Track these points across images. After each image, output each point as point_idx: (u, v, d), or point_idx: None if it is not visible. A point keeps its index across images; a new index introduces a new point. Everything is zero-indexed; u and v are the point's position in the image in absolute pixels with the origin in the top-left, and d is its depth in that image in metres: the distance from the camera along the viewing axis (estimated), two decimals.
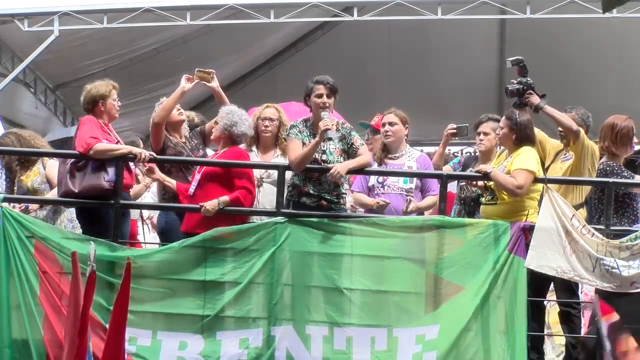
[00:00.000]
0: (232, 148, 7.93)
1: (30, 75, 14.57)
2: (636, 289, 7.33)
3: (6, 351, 7.27)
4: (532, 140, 7.82)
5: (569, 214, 7.43)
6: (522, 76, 8.06)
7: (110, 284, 7.29)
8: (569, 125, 8.05)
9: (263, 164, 8.02)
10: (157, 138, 8.23)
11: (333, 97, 7.76)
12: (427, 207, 8.21)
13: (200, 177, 7.78)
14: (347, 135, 7.83)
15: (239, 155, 7.93)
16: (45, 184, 8.51)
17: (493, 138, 8.21)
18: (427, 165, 8.29)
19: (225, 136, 7.92)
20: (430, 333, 7.34)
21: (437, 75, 16.70)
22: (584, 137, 8.09)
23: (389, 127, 8.29)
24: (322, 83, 7.75)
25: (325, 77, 7.82)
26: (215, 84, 8.36)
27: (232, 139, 7.92)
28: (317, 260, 7.49)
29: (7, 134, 8.93)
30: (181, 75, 8.36)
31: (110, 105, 7.90)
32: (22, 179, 8.55)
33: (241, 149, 8.07)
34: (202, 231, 7.51)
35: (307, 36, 16.88)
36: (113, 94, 7.91)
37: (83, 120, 7.86)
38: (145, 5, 12.59)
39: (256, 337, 7.40)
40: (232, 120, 7.89)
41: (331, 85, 7.75)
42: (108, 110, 7.89)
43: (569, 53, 16.00)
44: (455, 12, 12.70)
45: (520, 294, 7.37)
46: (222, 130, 7.91)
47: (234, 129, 7.87)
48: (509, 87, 8.08)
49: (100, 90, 7.86)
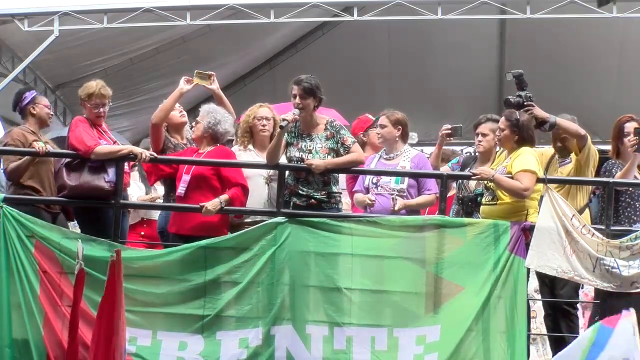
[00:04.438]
0: (218, 147, 7.94)
1: (30, 75, 14.55)
2: (636, 288, 7.34)
3: (6, 350, 7.27)
4: (533, 140, 7.84)
5: (569, 213, 7.43)
6: (521, 89, 8.04)
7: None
8: (578, 133, 8.03)
9: (264, 164, 8.01)
10: (156, 139, 8.22)
11: (311, 97, 7.72)
12: (419, 205, 8.17)
13: (190, 177, 7.78)
14: (336, 133, 7.83)
15: (226, 154, 7.95)
16: None
17: (492, 139, 8.20)
18: (423, 164, 8.26)
19: (208, 135, 7.93)
20: (432, 334, 7.34)
21: (437, 75, 16.70)
22: (590, 141, 8.09)
23: (380, 129, 8.32)
24: (297, 83, 7.76)
25: (303, 77, 7.79)
26: (215, 86, 8.33)
27: (215, 138, 7.94)
28: (317, 260, 7.49)
29: None
30: (181, 75, 8.35)
31: (88, 109, 7.87)
32: None
33: (227, 148, 8.10)
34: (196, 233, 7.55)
35: (307, 36, 16.88)
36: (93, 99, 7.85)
37: (75, 122, 7.85)
38: (145, 5, 12.58)
39: (255, 336, 7.40)
40: (216, 118, 7.90)
41: (304, 85, 7.71)
42: (87, 112, 7.88)
43: (569, 53, 16.00)
44: (455, 12, 12.69)
45: (521, 293, 7.38)
46: (206, 129, 7.91)
47: (218, 127, 7.89)
48: (511, 100, 8.02)
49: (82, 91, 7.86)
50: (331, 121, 7.93)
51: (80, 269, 6.63)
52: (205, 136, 7.95)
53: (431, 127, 16.28)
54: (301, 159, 7.76)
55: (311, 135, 7.83)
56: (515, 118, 7.82)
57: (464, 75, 16.57)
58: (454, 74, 16.55)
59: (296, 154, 7.80)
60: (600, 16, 12.54)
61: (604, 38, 15.69)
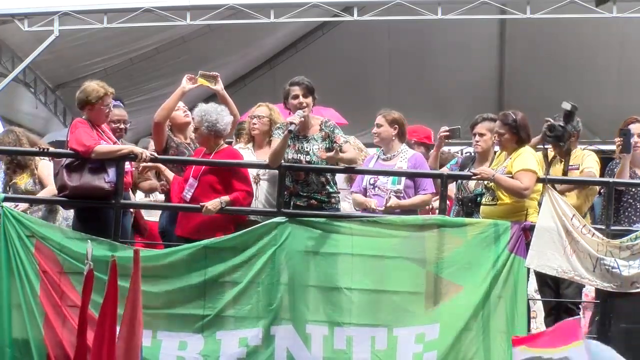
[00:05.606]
0: (225, 149, 7.95)
1: (30, 75, 14.55)
2: (636, 288, 7.34)
3: (7, 350, 7.28)
4: (530, 138, 7.84)
5: (569, 213, 7.43)
6: (567, 123, 7.88)
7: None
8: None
9: (264, 164, 8.02)
10: (159, 138, 8.21)
11: (310, 96, 7.81)
12: (413, 206, 8.16)
13: (197, 182, 7.78)
14: (331, 133, 7.85)
15: (234, 155, 7.96)
16: (38, 185, 8.49)
17: (489, 138, 8.20)
18: (420, 164, 8.27)
19: (212, 136, 7.91)
20: (431, 333, 7.35)
21: (437, 75, 16.69)
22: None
23: (376, 128, 8.36)
24: (297, 84, 7.82)
25: (300, 77, 7.90)
26: (220, 87, 8.26)
27: (219, 135, 7.92)
28: (318, 260, 7.50)
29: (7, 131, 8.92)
30: (181, 75, 8.33)
31: (99, 111, 7.86)
32: (17, 182, 8.54)
33: (234, 149, 8.11)
34: (201, 236, 7.53)
35: (307, 36, 16.88)
36: (105, 100, 7.84)
37: (74, 124, 7.82)
38: (145, 5, 12.56)
39: (255, 336, 7.41)
40: (212, 118, 7.88)
41: (306, 84, 7.82)
42: (96, 114, 7.84)
43: (569, 53, 15.98)
44: (455, 12, 12.69)
45: (521, 293, 7.38)
46: (208, 132, 7.89)
47: (218, 126, 7.88)
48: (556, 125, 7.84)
49: (90, 96, 7.80)
50: (325, 121, 7.96)
51: (90, 270, 6.62)
52: (210, 138, 7.94)
53: (431, 127, 16.30)
54: (298, 160, 7.78)
55: (307, 136, 7.85)
56: (512, 119, 7.80)
57: (464, 75, 16.56)
58: (454, 74, 16.54)
59: (293, 155, 7.80)
60: (600, 16, 12.52)
61: (603, 38, 15.68)
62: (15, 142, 8.54)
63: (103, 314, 6.64)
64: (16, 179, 8.55)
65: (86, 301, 6.71)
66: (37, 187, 8.51)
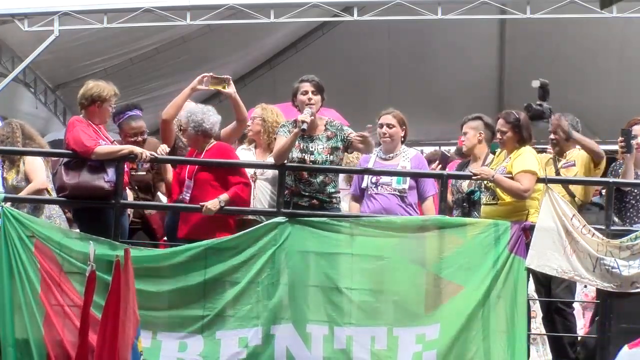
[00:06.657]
0: (214, 145, 7.92)
1: (30, 75, 14.56)
2: (636, 288, 7.35)
3: (10, 350, 7.27)
4: (531, 138, 7.84)
5: (569, 214, 7.44)
6: (543, 100, 7.95)
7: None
8: (596, 150, 8.05)
9: (264, 163, 8.02)
10: (166, 135, 8.17)
11: (319, 94, 7.81)
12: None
13: (193, 183, 7.77)
14: (339, 132, 7.84)
15: (225, 150, 7.93)
16: (25, 181, 8.42)
17: (472, 136, 8.30)
18: (422, 165, 8.23)
19: (200, 136, 7.90)
20: (431, 332, 7.35)
21: (437, 75, 16.69)
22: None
23: (387, 129, 8.13)
24: (307, 81, 7.82)
25: (311, 75, 7.89)
26: (232, 90, 8.14)
27: (207, 134, 7.91)
28: (318, 260, 7.50)
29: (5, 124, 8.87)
30: (181, 75, 8.34)
31: (105, 110, 7.87)
32: (6, 177, 8.49)
33: (224, 144, 8.05)
34: (202, 237, 7.53)
35: (307, 36, 16.88)
36: (112, 100, 7.86)
37: (72, 122, 7.82)
38: (145, 5, 12.56)
39: (255, 336, 7.41)
40: (197, 118, 7.88)
41: (316, 82, 7.82)
42: (102, 113, 7.86)
43: (569, 53, 15.99)
44: (455, 12, 12.69)
45: (521, 293, 7.39)
46: (195, 133, 7.88)
47: (204, 125, 7.87)
48: (534, 107, 7.92)
49: (103, 92, 7.82)
50: (330, 121, 7.95)
51: (92, 271, 6.62)
52: (198, 138, 7.93)
53: (431, 127, 16.34)
54: (302, 159, 7.76)
55: (312, 136, 7.82)
56: (515, 118, 7.80)
57: (464, 75, 16.57)
58: (454, 74, 16.54)
59: (297, 154, 7.79)
60: (600, 16, 12.53)
61: (604, 38, 15.69)
62: (9, 135, 8.48)
63: (105, 314, 6.66)
64: (6, 175, 8.49)
65: (88, 302, 6.71)
66: (24, 183, 8.41)
